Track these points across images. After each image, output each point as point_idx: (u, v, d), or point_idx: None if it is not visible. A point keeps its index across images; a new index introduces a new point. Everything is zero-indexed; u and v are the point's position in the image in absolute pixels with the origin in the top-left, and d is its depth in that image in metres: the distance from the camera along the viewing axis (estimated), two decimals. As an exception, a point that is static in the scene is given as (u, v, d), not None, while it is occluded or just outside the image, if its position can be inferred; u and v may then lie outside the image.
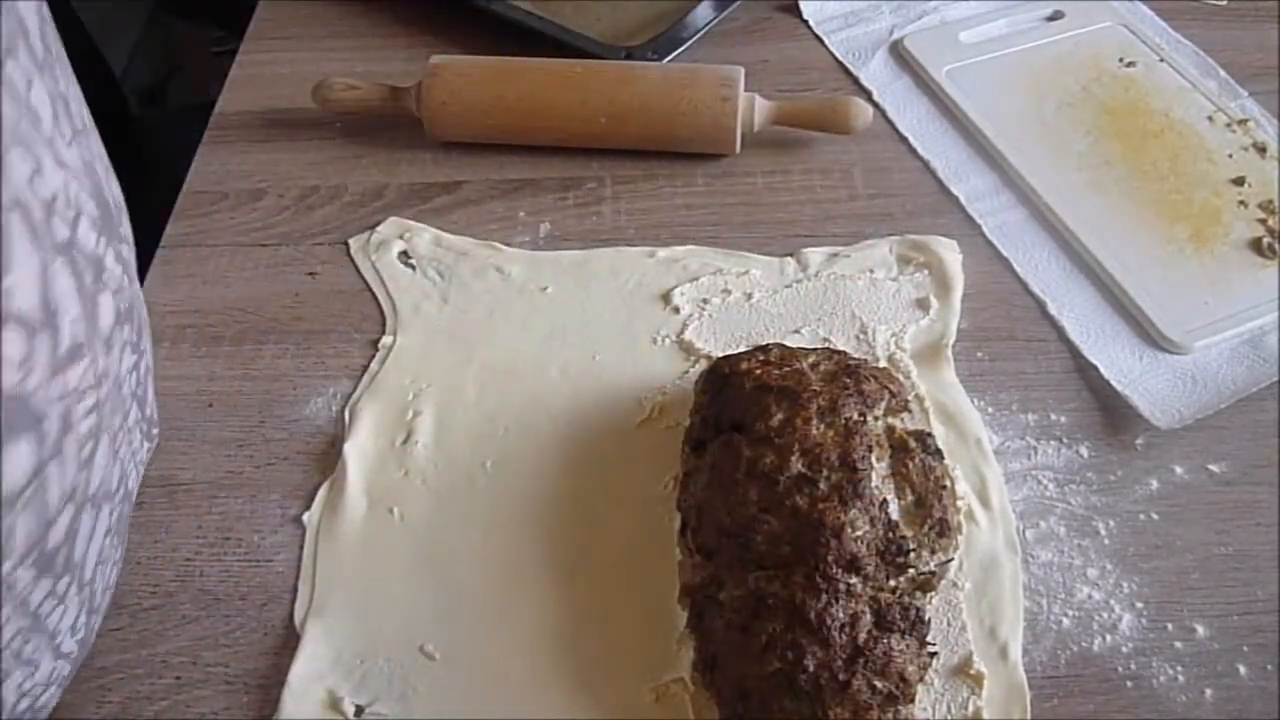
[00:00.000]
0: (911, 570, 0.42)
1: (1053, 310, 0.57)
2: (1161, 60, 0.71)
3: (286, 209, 0.64)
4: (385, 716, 0.43)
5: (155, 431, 0.48)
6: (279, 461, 0.52)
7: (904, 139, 0.67)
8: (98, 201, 0.35)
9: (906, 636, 0.41)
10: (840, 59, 0.73)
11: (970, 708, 0.43)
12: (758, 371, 0.47)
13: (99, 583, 0.40)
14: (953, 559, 0.44)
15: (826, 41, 0.75)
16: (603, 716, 0.43)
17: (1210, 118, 0.67)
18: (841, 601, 0.40)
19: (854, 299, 0.58)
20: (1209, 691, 0.44)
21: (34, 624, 0.34)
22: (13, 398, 0.28)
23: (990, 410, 0.53)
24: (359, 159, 0.67)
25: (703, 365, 0.53)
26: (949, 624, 0.45)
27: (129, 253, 0.40)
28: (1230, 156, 0.65)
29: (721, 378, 0.48)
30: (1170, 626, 0.45)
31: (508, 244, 0.61)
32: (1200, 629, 0.45)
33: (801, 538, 0.41)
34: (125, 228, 0.39)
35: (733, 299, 0.58)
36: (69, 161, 0.32)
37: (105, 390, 0.36)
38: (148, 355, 0.45)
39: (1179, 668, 0.44)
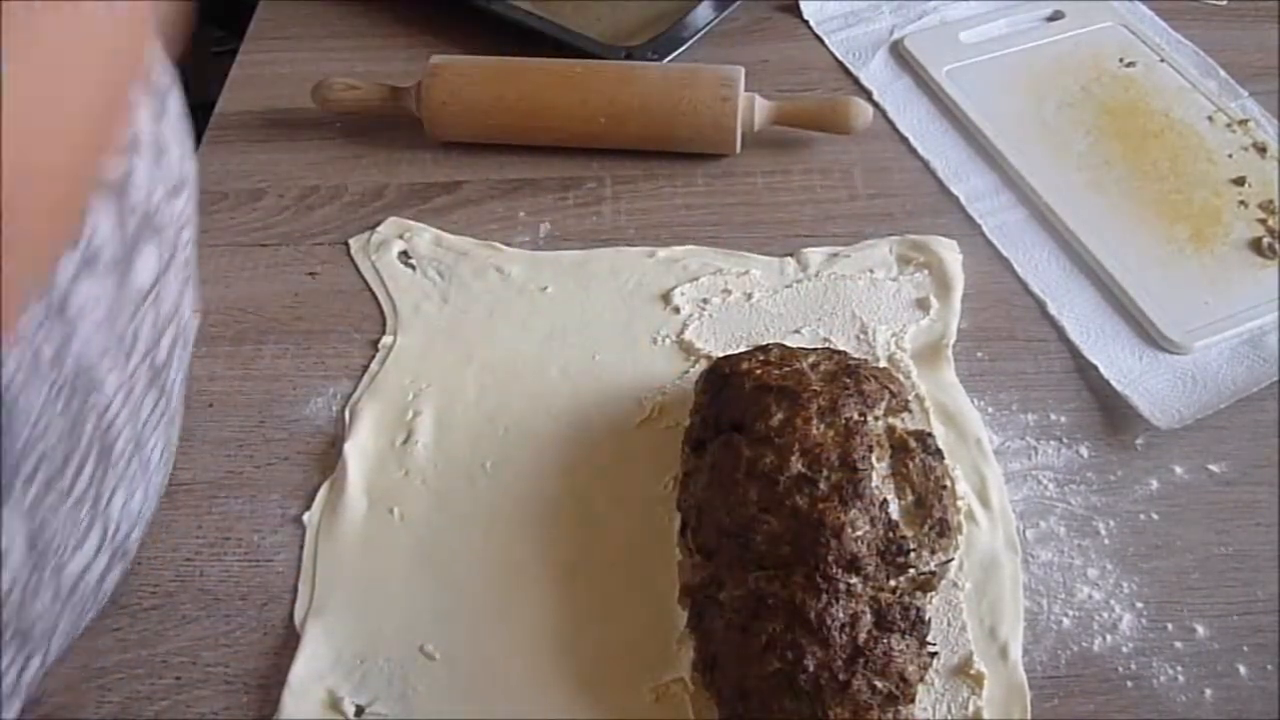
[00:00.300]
0: (911, 570, 0.42)
1: (1053, 310, 0.57)
2: (1161, 60, 0.71)
3: (286, 209, 0.64)
4: (385, 716, 0.43)
5: (200, 302, 0.50)
6: (279, 461, 0.52)
7: (904, 139, 0.67)
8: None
9: (906, 636, 0.41)
10: (840, 59, 0.73)
11: (970, 708, 0.43)
12: (758, 371, 0.47)
13: (175, 430, 0.43)
14: (953, 559, 0.44)
15: (826, 41, 0.75)
16: (603, 716, 0.43)
17: (1210, 118, 0.67)
18: (841, 601, 0.40)
19: (854, 299, 0.58)
20: (1209, 691, 0.44)
21: (140, 439, 0.38)
22: (143, 213, 0.33)
23: (990, 410, 0.53)
24: (359, 159, 0.67)
25: (703, 365, 0.53)
26: (949, 624, 0.45)
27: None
28: (1230, 156, 0.65)
29: (721, 378, 0.48)
30: (1170, 626, 0.45)
31: (508, 244, 0.61)
32: (1200, 629, 0.45)
33: (801, 538, 0.41)
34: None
35: (733, 299, 0.58)
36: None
37: (192, 230, 0.39)
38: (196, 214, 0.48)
39: (1179, 668, 0.44)
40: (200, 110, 0.71)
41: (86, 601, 0.39)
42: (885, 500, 0.42)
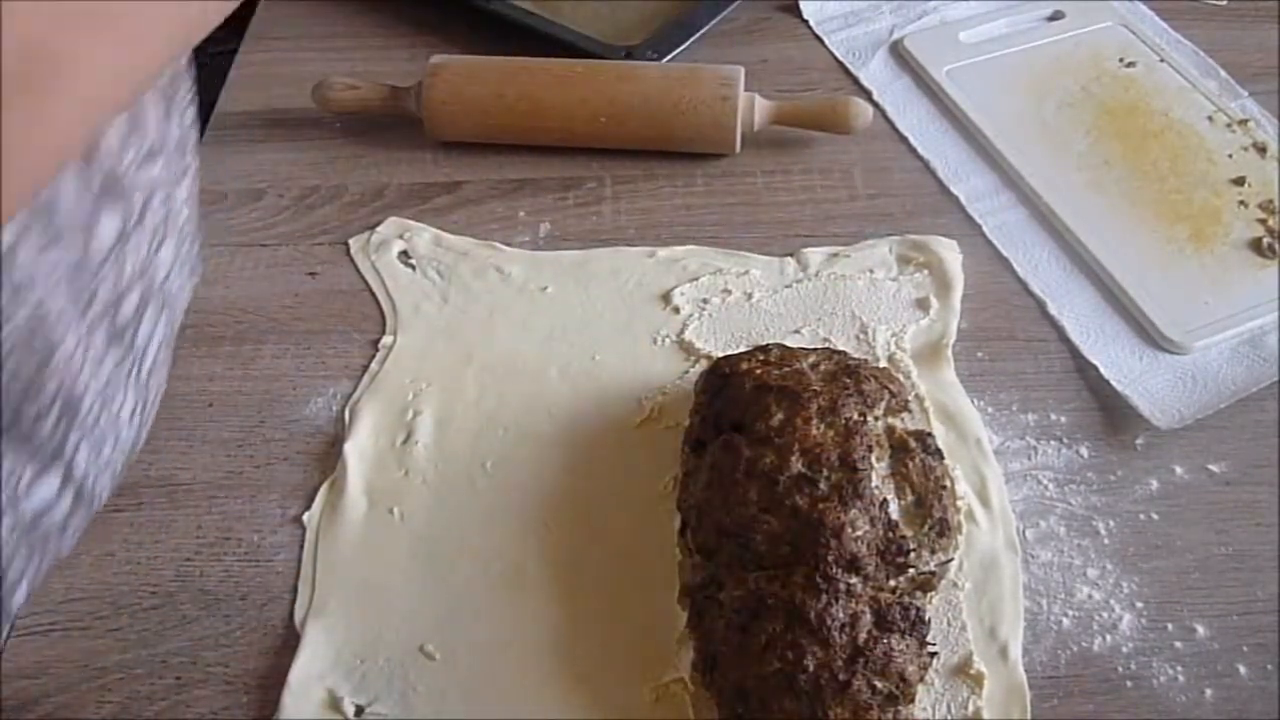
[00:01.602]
0: (911, 570, 0.42)
1: (1053, 310, 0.57)
2: (1161, 60, 0.71)
3: (286, 209, 0.64)
4: (385, 716, 0.43)
5: (199, 269, 0.50)
6: (279, 461, 0.52)
7: (904, 139, 0.67)
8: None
9: (906, 636, 0.41)
10: (840, 59, 0.73)
11: (970, 708, 0.43)
12: (758, 371, 0.47)
13: (152, 389, 0.42)
14: (953, 559, 0.44)
15: (826, 41, 0.75)
16: (603, 716, 0.43)
17: (1210, 118, 0.67)
18: (841, 601, 0.40)
19: (854, 299, 0.58)
20: (1209, 691, 0.44)
21: (105, 397, 0.37)
22: (110, 175, 0.33)
23: (990, 410, 0.53)
24: (359, 159, 0.67)
25: (703, 365, 0.53)
26: (949, 624, 0.45)
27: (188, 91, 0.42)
28: (1230, 156, 0.65)
29: (721, 378, 0.48)
30: (1170, 626, 0.45)
31: (508, 244, 0.61)
32: (1200, 629, 0.45)
33: (801, 538, 0.41)
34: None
35: (733, 299, 0.58)
36: None
37: (164, 196, 0.39)
38: (194, 200, 0.47)
39: (1179, 668, 0.44)
40: (200, 110, 0.71)
41: (49, 542, 0.39)
42: (885, 500, 0.42)
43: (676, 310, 0.57)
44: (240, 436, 0.53)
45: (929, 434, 0.46)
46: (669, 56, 0.70)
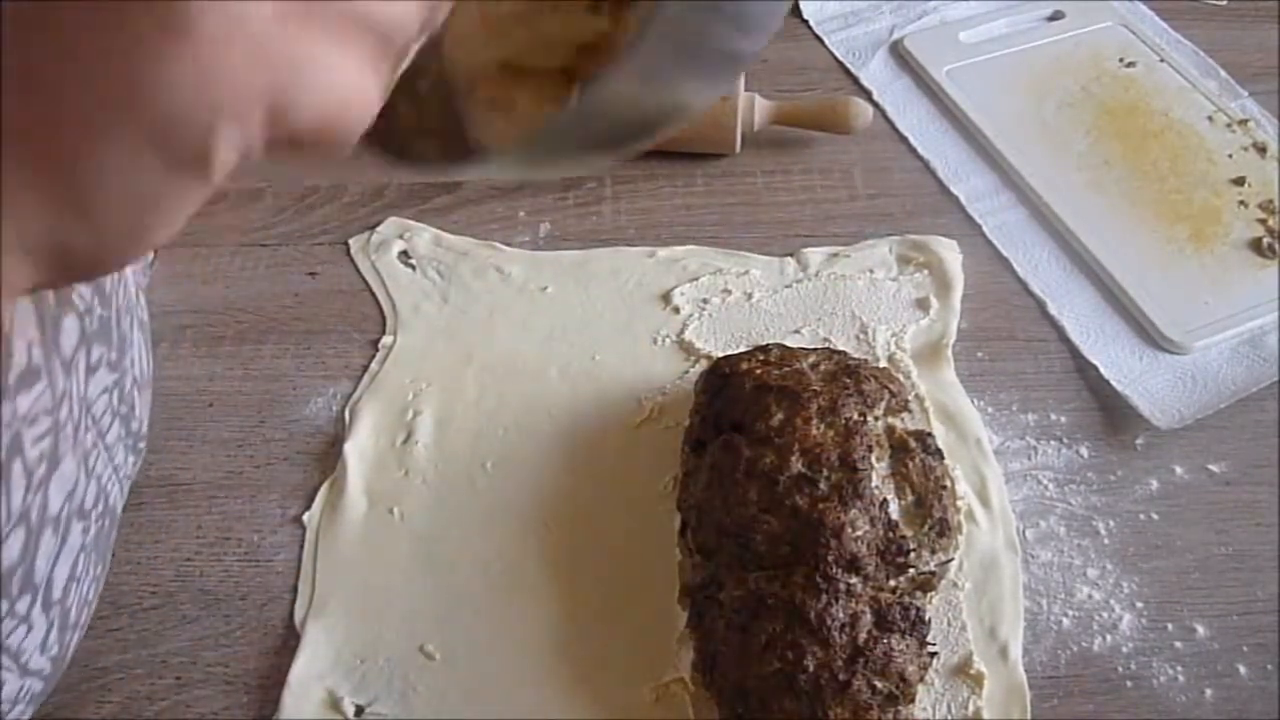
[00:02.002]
0: (911, 570, 0.42)
1: (1053, 310, 0.57)
2: (1161, 60, 0.71)
3: (286, 209, 0.64)
4: (385, 716, 0.43)
5: (142, 446, 0.48)
6: (279, 461, 0.52)
7: (904, 139, 0.67)
8: None
9: (906, 636, 0.41)
10: (840, 59, 0.73)
11: (970, 708, 0.43)
12: (758, 371, 0.47)
13: (72, 599, 0.39)
14: (953, 559, 0.44)
15: (826, 41, 0.75)
16: (603, 716, 0.43)
17: (1210, 118, 0.67)
18: (841, 601, 0.40)
19: (854, 299, 0.58)
20: (1209, 691, 0.44)
21: None
22: None
23: (990, 410, 0.53)
24: (359, 159, 0.67)
25: (703, 365, 0.53)
26: (949, 624, 0.45)
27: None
28: (1230, 156, 0.65)
29: (721, 378, 0.48)
30: (1170, 626, 0.45)
31: (508, 244, 0.61)
32: (1200, 629, 0.45)
33: (801, 538, 0.41)
34: None
35: (733, 299, 0.58)
36: None
37: (66, 412, 0.35)
38: (137, 369, 0.45)
39: (1179, 668, 0.44)
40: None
41: None
42: (885, 500, 0.42)
43: (676, 310, 0.57)
44: (240, 436, 0.53)
45: (929, 434, 0.46)
46: (669, 56, 0.70)
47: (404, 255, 0.61)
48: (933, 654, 0.42)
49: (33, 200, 0.19)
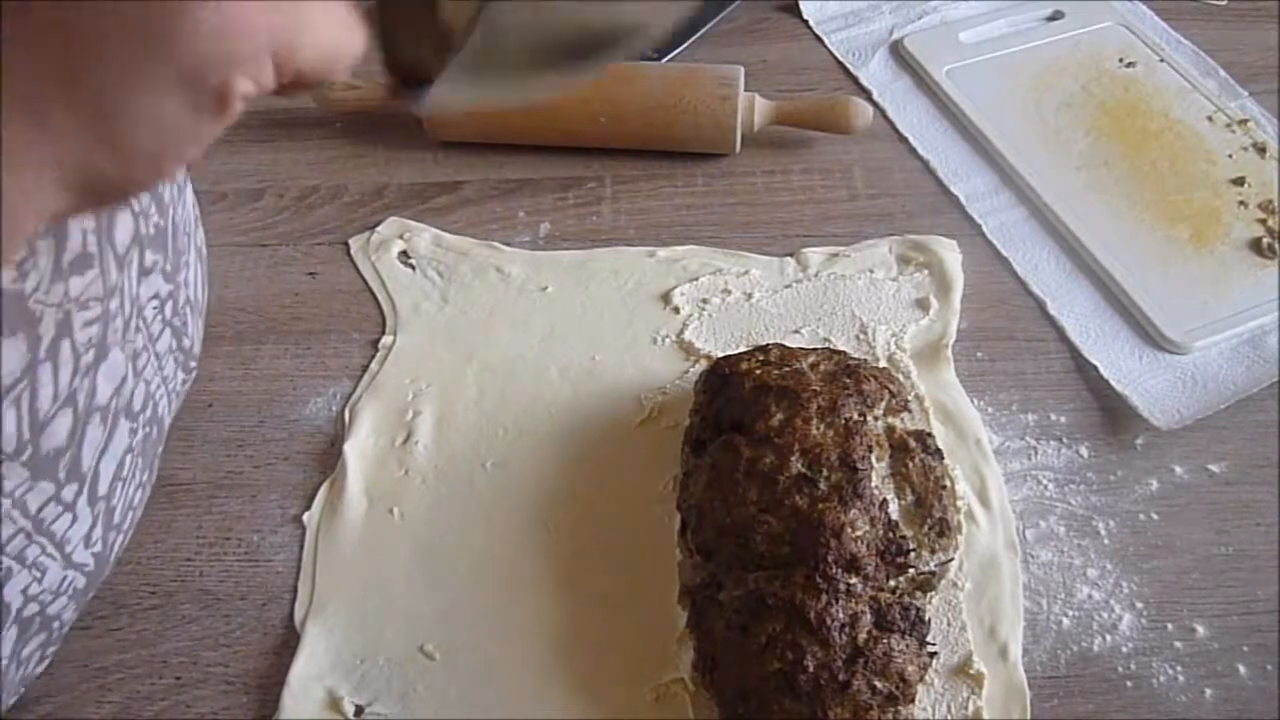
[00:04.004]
0: (911, 570, 0.42)
1: (1053, 310, 0.57)
2: (1161, 60, 0.71)
3: (286, 209, 0.64)
4: (385, 716, 0.43)
5: (194, 365, 0.49)
6: (279, 461, 0.52)
7: (904, 139, 0.67)
8: None
9: (906, 636, 0.41)
10: (840, 59, 0.73)
11: (970, 708, 0.43)
12: (758, 371, 0.47)
13: (118, 499, 0.40)
14: (953, 559, 0.44)
15: (826, 41, 0.75)
16: (603, 716, 0.43)
17: (1210, 118, 0.67)
18: (841, 601, 0.40)
19: (854, 299, 0.58)
20: (1209, 691, 0.44)
21: (35, 528, 0.35)
22: (10, 296, 0.31)
23: (990, 410, 0.53)
24: (359, 159, 0.67)
25: (703, 365, 0.53)
26: (949, 624, 0.45)
27: (172, 183, 0.40)
28: (1230, 156, 0.65)
29: (721, 378, 0.48)
30: (1170, 626, 0.45)
31: (508, 244, 0.61)
32: (1200, 629, 0.45)
33: (801, 538, 0.41)
34: None
35: (733, 299, 0.58)
36: None
37: (116, 304, 0.37)
38: (192, 290, 0.46)
39: (1179, 668, 0.44)
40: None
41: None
42: (885, 500, 0.42)
43: (676, 310, 0.57)
44: (240, 436, 0.53)
45: (929, 434, 0.46)
46: (669, 56, 0.70)
47: (404, 255, 0.61)
48: (932, 654, 0.42)
49: (72, 134, 0.22)
